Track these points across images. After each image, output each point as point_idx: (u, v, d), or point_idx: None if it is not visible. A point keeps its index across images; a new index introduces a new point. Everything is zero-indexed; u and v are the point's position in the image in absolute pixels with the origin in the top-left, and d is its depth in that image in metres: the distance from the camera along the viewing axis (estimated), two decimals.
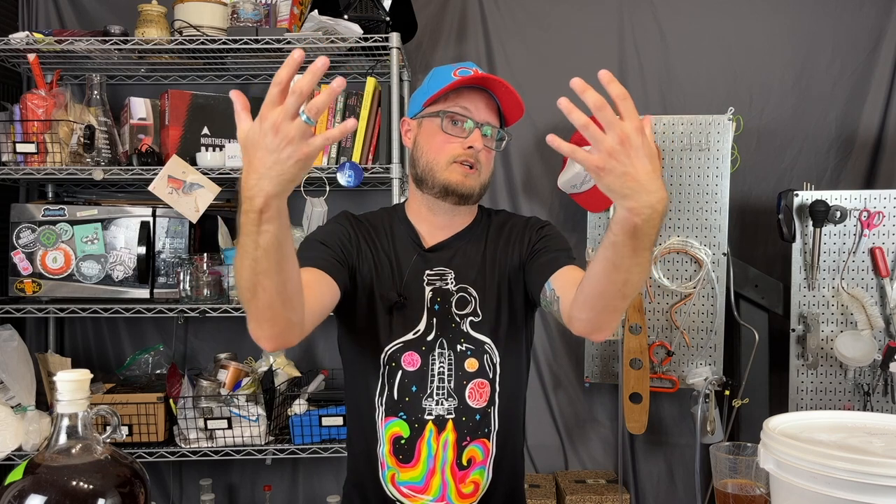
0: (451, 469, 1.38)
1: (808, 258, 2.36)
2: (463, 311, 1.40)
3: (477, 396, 1.39)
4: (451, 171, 1.38)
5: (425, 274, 1.41)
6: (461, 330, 1.39)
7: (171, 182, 2.26)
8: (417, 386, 1.38)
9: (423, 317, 1.39)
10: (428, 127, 1.42)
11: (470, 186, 1.39)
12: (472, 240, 1.46)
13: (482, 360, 1.40)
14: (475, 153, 1.38)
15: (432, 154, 1.40)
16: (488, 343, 1.40)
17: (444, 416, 1.37)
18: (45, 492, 0.82)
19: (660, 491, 2.73)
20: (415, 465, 1.38)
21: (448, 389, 1.38)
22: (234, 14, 2.39)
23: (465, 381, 1.39)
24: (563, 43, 2.72)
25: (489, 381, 1.40)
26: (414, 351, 1.38)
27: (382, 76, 2.48)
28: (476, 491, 1.40)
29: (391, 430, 1.39)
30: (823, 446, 0.98)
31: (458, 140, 1.38)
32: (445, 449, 1.38)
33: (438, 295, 1.40)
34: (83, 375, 0.89)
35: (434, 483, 1.39)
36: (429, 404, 1.38)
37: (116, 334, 2.73)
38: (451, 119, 1.39)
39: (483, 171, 1.41)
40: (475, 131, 1.37)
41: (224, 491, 2.71)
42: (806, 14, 2.68)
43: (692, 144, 2.44)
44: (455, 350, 1.39)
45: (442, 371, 1.38)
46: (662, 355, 2.46)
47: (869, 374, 2.35)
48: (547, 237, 1.44)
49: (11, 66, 2.56)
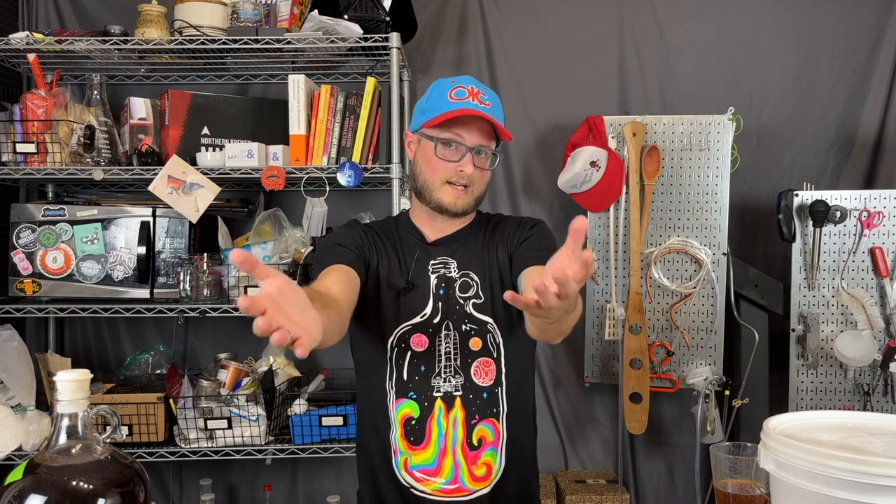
0: (463, 448, 1.44)
1: (808, 258, 2.36)
2: (466, 294, 1.50)
3: (483, 374, 1.47)
4: (443, 192, 1.49)
5: (430, 264, 1.52)
6: (465, 311, 1.49)
7: (171, 182, 2.26)
8: (426, 365, 1.46)
9: (430, 302, 1.49)
10: (425, 147, 1.51)
11: (463, 206, 1.50)
12: (472, 234, 1.57)
13: (485, 339, 1.49)
14: (467, 175, 1.48)
15: (427, 174, 1.50)
16: (491, 323, 1.49)
17: (451, 394, 1.46)
18: (45, 492, 0.82)
19: (660, 491, 2.73)
20: (426, 445, 1.44)
21: (455, 367, 1.46)
22: (234, 14, 2.39)
23: (471, 359, 1.47)
24: (563, 43, 2.72)
25: (494, 359, 1.48)
26: (422, 333, 1.47)
27: (382, 76, 2.48)
28: (489, 474, 1.46)
29: (402, 411, 1.46)
30: (823, 446, 0.98)
31: (451, 164, 1.48)
32: (455, 427, 1.44)
33: (443, 281, 1.50)
34: (83, 375, 0.89)
35: (446, 464, 1.44)
36: (437, 382, 1.46)
37: (116, 334, 2.73)
38: (444, 144, 1.47)
39: (476, 189, 1.51)
40: (467, 156, 1.47)
41: (224, 491, 2.72)
42: (806, 14, 2.68)
43: (692, 144, 2.44)
44: (460, 330, 1.48)
45: (448, 350, 1.47)
46: (662, 355, 2.46)
47: (869, 374, 2.35)
48: (533, 236, 1.53)
49: (11, 66, 2.56)
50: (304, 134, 2.32)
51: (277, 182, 2.27)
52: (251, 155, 2.30)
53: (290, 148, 2.33)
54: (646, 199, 2.44)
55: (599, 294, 2.51)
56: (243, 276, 2.28)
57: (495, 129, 1.48)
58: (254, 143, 2.31)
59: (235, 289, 2.28)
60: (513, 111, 2.72)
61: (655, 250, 2.45)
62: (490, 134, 1.49)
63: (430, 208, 1.52)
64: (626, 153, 2.44)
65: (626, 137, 2.43)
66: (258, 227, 2.43)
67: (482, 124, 1.47)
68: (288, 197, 2.64)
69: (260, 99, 2.55)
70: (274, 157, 2.33)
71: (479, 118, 1.46)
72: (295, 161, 2.32)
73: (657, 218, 2.46)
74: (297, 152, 2.32)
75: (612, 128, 2.45)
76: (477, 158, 1.48)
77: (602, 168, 2.38)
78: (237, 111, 2.44)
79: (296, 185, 2.40)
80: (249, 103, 2.48)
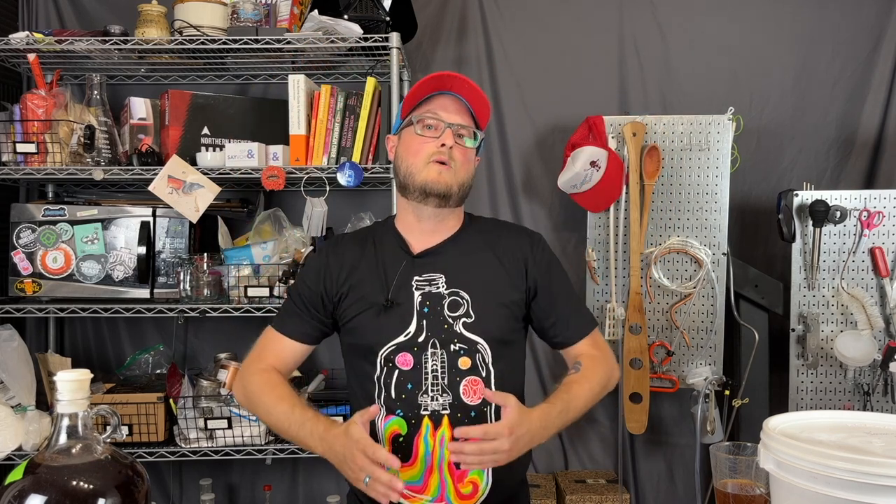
0: (449, 467, 1.42)
1: (808, 258, 2.36)
2: (455, 312, 1.46)
3: (471, 393, 1.44)
4: (427, 170, 1.47)
5: (413, 280, 1.48)
6: (454, 331, 1.45)
7: (171, 182, 2.26)
8: (413, 383, 1.43)
9: (413, 320, 1.45)
10: (405, 136, 1.52)
11: (446, 183, 1.46)
12: (462, 244, 1.54)
13: (475, 358, 1.45)
14: (447, 150, 1.46)
15: (410, 158, 1.49)
16: (481, 343, 1.45)
17: (439, 412, 1.42)
18: (45, 492, 0.82)
19: (660, 491, 2.73)
20: (413, 463, 1.42)
21: (442, 385, 1.43)
22: (234, 14, 2.39)
23: (459, 377, 1.44)
24: (563, 43, 2.72)
25: (483, 379, 1.45)
26: (407, 352, 1.44)
27: (382, 76, 2.48)
28: (475, 492, 1.43)
29: (390, 428, 1.44)
30: (823, 446, 0.98)
31: (431, 140, 1.48)
32: (442, 445, 1.41)
33: (428, 299, 1.46)
34: (83, 375, 0.89)
35: (432, 482, 1.42)
36: (424, 400, 1.43)
37: (116, 334, 2.73)
38: (423, 123, 1.48)
39: (459, 170, 1.49)
40: (447, 130, 1.47)
41: (224, 491, 2.72)
42: (806, 14, 2.68)
43: (692, 144, 2.44)
44: (448, 350, 1.44)
45: (436, 369, 1.44)
46: (662, 355, 2.46)
47: (869, 374, 2.35)
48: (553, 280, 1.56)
49: (11, 66, 2.56)
50: (304, 134, 2.32)
51: (277, 182, 2.27)
52: (251, 155, 2.30)
53: (290, 148, 2.33)
54: (646, 199, 2.44)
55: (599, 294, 2.51)
56: (243, 276, 2.28)
57: (474, 117, 1.51)
58: (254, 143, 2.31)
59: (235, 289, 2.28)
60: (513, 111, 2.72)
61: (655, 250, 2.45)
62: (470, 118, 1.51)
63: (416, 199, 1.49)
64: (626, 153, 2.44)
65: (626, 137, 2.43)
66: (258, 227, 2.43)
67: (460, 106, 1.49)
68: (288, 197, 2.64)
69: (260, 99, 2.55)
70: (274, 157, 2.33)
71: (456, 101, 1.49)
72: (295, 161, 2.32)
73: (657, 218, 2.46)
74: (297, 152, 2.32)
75: (612, 128, 2.45)
76: (457, 138, 1.48)
77: (602, 168, 2.38)
78: (237, 111, 2.44)
79: (296, 185, 2.40)
80: (249, 103, 2.47)
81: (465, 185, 1.51)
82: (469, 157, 1.51)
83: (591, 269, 2.50)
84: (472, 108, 1.51)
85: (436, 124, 1.48)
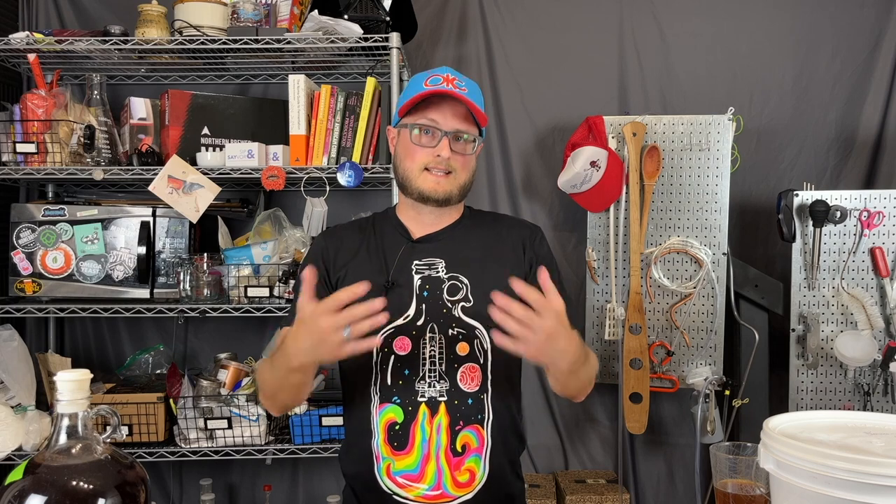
0: (446, 455, 1.41)
1: (808, 258, 2.36)
2: (454, 297, 1.46)
3: (468, 380, 1.44)
4: (423, 179, 1.46)
5: (413, 263, 1.48)
6: (453, 315, 1.45)
7: (171, 182, 2.26)
8: (410, 369, 1.43)
9: (413, 303, 1.45)
10: (403, 137, 1.50)
11: (444, 192, 1.47)
12: (462, 231, 1.54)
13: (473, 344, 1.45)
14: (444, 160, 1.45)
15: (407, 163, 1.48)
16: (479, 328, 1.45)
17: (436, 399, 1.42)
18: (45, 492, 0.82)
19: (660, 491, 2.73)
20: (409, 451, 1.41)
21: (440, 372, 1.43)
22: (234, 14, 2.39)
23: (457, 364, 1.44)
24: (563, 43, 2.72)
25: (480, 365, 1.45)
26: (405, 335, 1.44)
27: (382, 76, 2.48)
28: (472, 480, 1.42)
29: (386, 416, 1.43)
30: (823, 446, 0.98)
31: (428, 149, 1.46)
32: (439, 433, 1.41)
33: (427, 282, 1.46)
34: (83, 375, 0.89)
35: (429, 470, 1.41)
36: (421, 387, 1.43)
37: (116, 334, 2.73)
38: (420, 130, 1.46)
39: (459, 175, 1.48)
40: (443, 140, 1.45)
41: (224, 491, 2.72)
42: (806, 14, 2.68)
43: (692, 144, 2.44)
44: (446, 334, 1.44)
45: (433, 354, 1.44)
46: (662, 355, 2.46)
47: (869, 374, 2.35)
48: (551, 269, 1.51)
49: (11, 66, 2.56)
50: (304, 134, 2.32)
51: (277, 182, 2.27)
52: (251, 155, 2.30)
53: (290, 148, 2.33)
54: (646, 199, 2.44)
55: (599, 294, 2.51)
56: (243, 277, 2.28)
57: (474, 116, 1.47)
58: (254, 143, 2.31)
59: (235, 289, 2.28)
60: (513, 111, 2.72)
61: (655, 250, 2.45)
62: (468, 120, 1.48)
63: (414, 199, 1.49)
64: (626, 153, 2.44)
65: (626, 137, 2.43)
66: (258, 227, 2.43)
67: (458, 109, 1.46)
68: (288, 197, 2.64)
69: (260, 99, 2.55)
70: (274, 157, 2.33)
71: (454, 104, 1.45)
72: (295, 161, 2.32)
73: (657, 218, 2.46)
74: (297, 152, 2.32)
75: (612, 128, 2.45)
76: (456, 144, 1.46)
77: (602, 168, 2.38)
78: (237, 111, 2.44)
79: (296, 185, 2.40)
80: (249, 103, 2.48)
81: (466, 185, 1.50)
82: (468, 160, 1.50)
83: (591, 268, 2.50)
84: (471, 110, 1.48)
85: (432, 131, 1.46)
